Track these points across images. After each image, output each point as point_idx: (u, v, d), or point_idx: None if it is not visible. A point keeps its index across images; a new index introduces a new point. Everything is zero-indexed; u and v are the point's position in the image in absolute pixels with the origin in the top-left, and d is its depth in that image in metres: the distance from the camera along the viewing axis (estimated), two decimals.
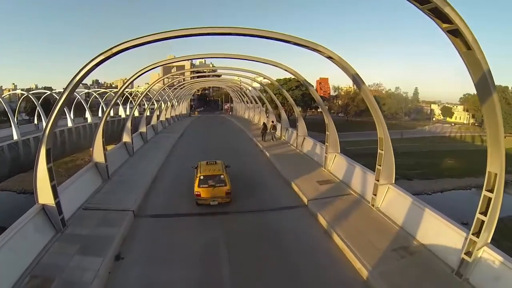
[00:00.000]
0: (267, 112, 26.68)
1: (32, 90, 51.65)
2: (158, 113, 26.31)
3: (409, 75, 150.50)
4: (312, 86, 13.04)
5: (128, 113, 48.53)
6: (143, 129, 19.24)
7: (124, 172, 13.17)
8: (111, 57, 7.52)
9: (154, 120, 23.76)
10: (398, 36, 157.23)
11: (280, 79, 57.41)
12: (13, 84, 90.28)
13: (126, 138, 15.44)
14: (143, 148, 18.43)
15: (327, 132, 12.85)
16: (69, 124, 31.40)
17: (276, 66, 12.53)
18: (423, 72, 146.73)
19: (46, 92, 41.66)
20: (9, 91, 60.62)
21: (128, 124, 15.38)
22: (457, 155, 56.49)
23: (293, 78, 65.53)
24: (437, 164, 51.77)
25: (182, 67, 79.89)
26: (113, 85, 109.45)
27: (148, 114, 32.72)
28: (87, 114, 36.99)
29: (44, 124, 7.72)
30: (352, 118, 77.19)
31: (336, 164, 12.84)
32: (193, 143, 21.54)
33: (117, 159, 14.08)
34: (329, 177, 12.44)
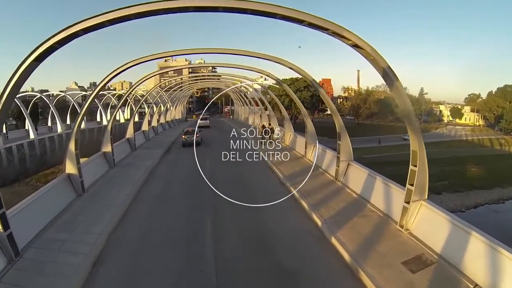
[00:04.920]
0: (282, 119, 20.53)
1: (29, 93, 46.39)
2: (135, 120, 20.27)
3: (410, 75, 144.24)
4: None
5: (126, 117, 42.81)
6: (107, 148, 12.96)
7: (51, 239, 7.23)
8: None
9: (130, 132, 17.32)
10: (398, 36, 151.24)
11: (287, 79, 51.82)
12: None
13: (70, 168, 9.51)
14: (105, 178, 12.10)
15: (412, 167, 7.12)
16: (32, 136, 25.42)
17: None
18: (424, 71, 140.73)
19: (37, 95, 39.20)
20: None
21: (71, 145, 9.25)
22: (480, 161, 51.93)
23: (300, 78, 60.00)
24: (463, 172, 47.29)
25: (180, 71, 74.58)
26: (112, 88, 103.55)
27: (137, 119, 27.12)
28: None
29: None
30: (363, 121, 71.24)
31: (423, 219, 7.24)
32: (179, 166, 15.76)
33: (49, 207, 8.25)
34: (416, 247, 6.82)
